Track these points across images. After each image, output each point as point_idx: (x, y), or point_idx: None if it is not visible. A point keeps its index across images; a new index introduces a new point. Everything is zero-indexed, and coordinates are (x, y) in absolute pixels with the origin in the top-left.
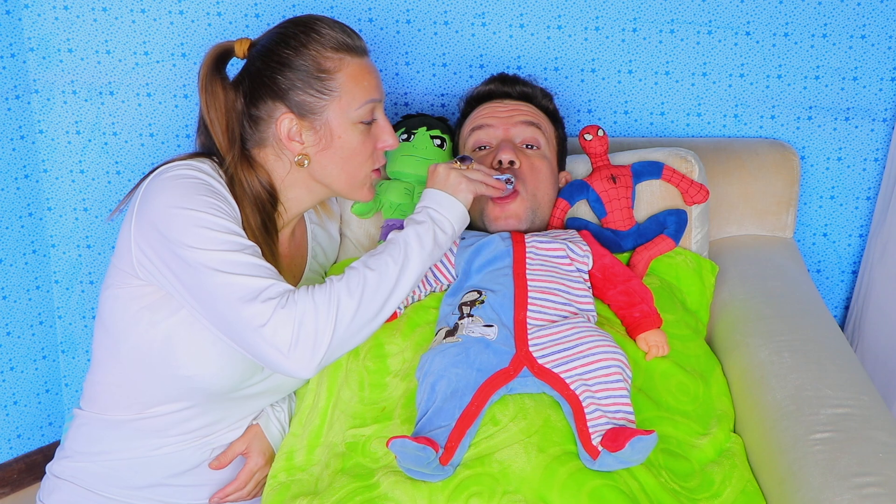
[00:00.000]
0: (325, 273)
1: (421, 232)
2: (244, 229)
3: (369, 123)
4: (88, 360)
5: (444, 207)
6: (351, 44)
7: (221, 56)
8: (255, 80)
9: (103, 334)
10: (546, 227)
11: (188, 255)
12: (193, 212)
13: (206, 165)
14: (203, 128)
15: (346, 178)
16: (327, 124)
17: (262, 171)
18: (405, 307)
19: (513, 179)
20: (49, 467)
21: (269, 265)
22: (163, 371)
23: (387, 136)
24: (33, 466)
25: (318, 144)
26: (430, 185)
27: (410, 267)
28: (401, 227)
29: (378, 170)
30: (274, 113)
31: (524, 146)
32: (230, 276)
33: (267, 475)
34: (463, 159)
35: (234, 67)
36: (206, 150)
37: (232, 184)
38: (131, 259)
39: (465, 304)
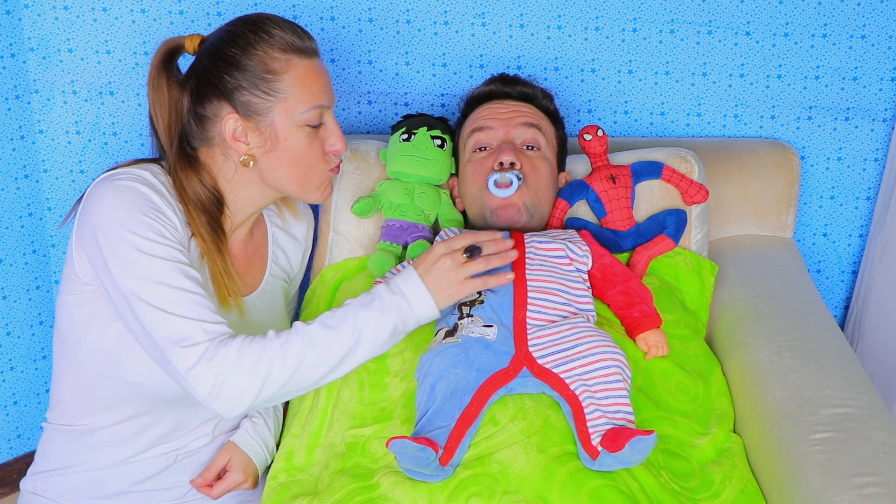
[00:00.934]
0: (289, 279)
1: (381, 324)
2: (193, 233)
3: (316, 127)
4: None
5: (420, 306)
6: (300, 45)
7: (171, 52)
8: (201, 79)
9: (60, 341)
10: (545, 228)
11: (122, 281)
12: (132, 235)
13: (147, 173)
14: (151, 126)
15: (295, 180)
16: (272, 126)
17: (205, 172)
18: None
19: (521, 175)
20: (22, 483)
21: (205, 300)
22: (115, 377)
23: (334, 139)
24: None
25: (264, 146)
26: (422, 271)
27: (356, 356)
28: (401, 227)
29: (336, 168)
30: (219, 112)
31: (524, 147)
32: (160, 312)
33: (244, 489)
34: (472, 252)
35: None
36: (159, 152)
37: (175, 187)
38: (74, 266)
39: (464, 304)
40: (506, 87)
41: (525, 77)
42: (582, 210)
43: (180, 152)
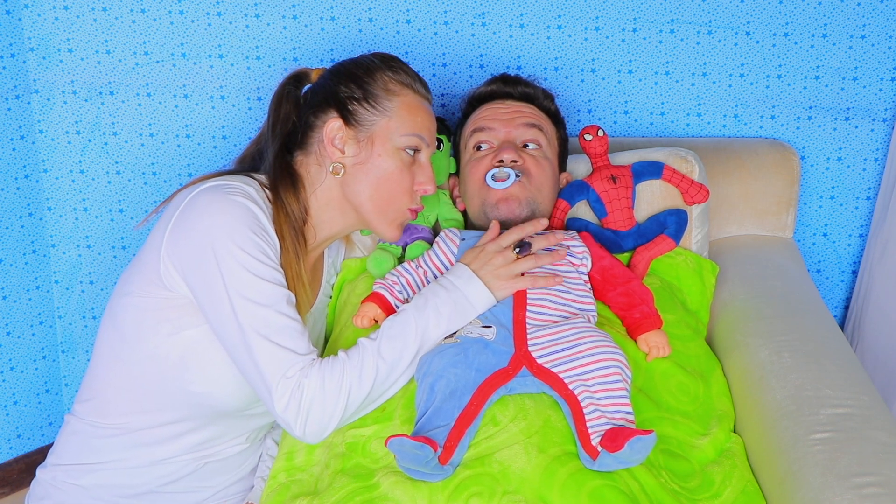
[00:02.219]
0: (332, 286)
1: (442, 321)
2: (280, 244)
3: (412, 156)
4: (88, 360)
5: (477, 298)
6: (418, 87)
7: (299, 76)
8: (318, 90)
9: (117, 339)
10: (546, 228)
11: (225, 301)
12: (244, 253)
13: (251, 189)
14: (258, 139)
15: (375, 202)
16: (370, 139)
17: (300, 185)
18: None
19: (519, 173)
20: (39, 472)
21: (297, 322)
22: (173, 384)
23: (426, 178)
24: (33, 466)
25: (357, 156)
26: (475, 268)
27: (421, 354)
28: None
29: (415, 213)
30: (326, 118)
31: (525, 147)
32: (264, 340)
33: None
34: (522, 247)
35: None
36: (249, 164)
37: (273, 203)
38: (159, 270)
39: None
40: (507, 88)
41: (526, 77)
42: (582, 210)
43: (280, 161)
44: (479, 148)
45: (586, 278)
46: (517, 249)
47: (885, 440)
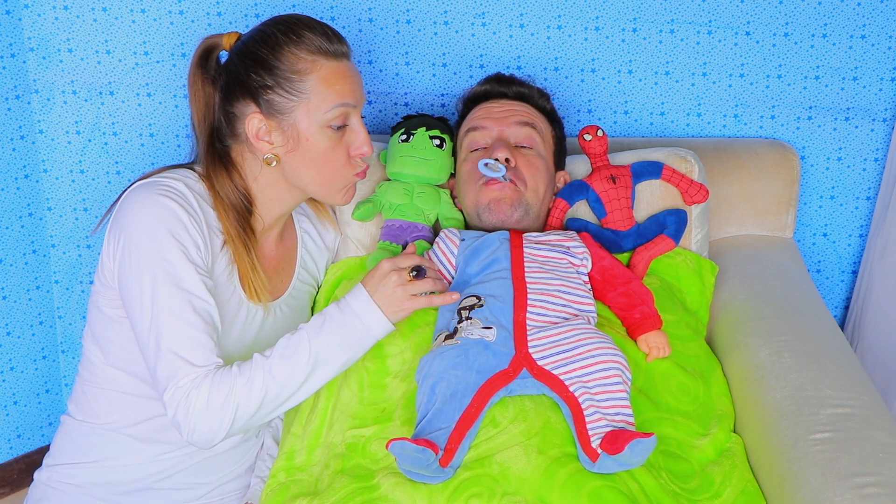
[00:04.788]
0: (316, 285)
1: (335, 346)
2: (225, 239)
3: (340, 128)
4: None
5: (373, 324)
6: (329, 48)
7: (209, 49)
8: (230, 77)
9: (90, 341)
10: (544, 227)
11: (142, 305)
12: (159, 258)
13: (182, 185)
14: (191, 123)
15: (319, 181)
16: (294, 126)
17: (236, 171)
18: None
19: (508, 177)
20: (37, 474)
21: (201, 332)
22: (144, 377)
23: (360, 142)
24: (33, 466)
25: (286, 145)
26: (370, 288)
27: (315, 379)
28: (400, 227)
29: (363, 173)
30: (245, 111)
31: (519, 145)
32: (162, 347)
33: None
34: (418, 272)
35: None
36: (195, 152)
37: (212, 193)
38: (105, 271)
39: (463, 307)
40: (501, 87)
41: (523, 77)
42: (582, 210)
43: (212, 150)
44: (474, 149)
45: (586, 279)
46: (413, 273)
47: (885, 440)
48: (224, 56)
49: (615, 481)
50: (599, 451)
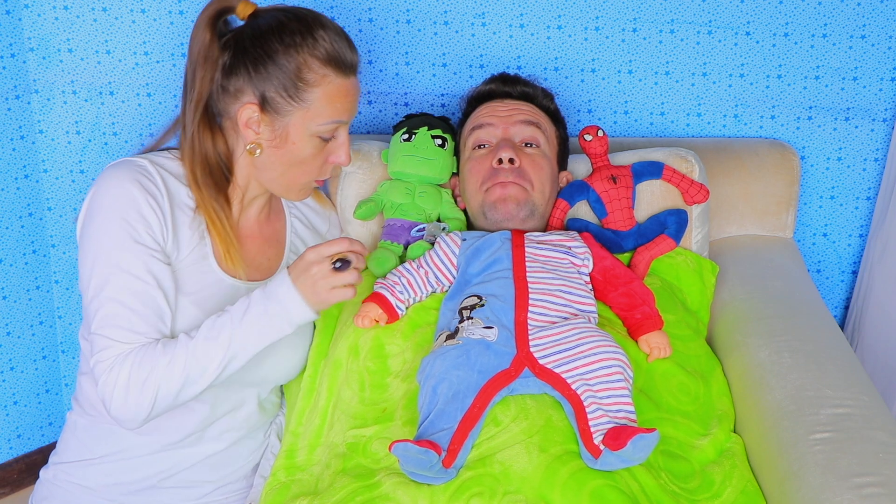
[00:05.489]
0: None
1: (257, 331)
2: (196, 205)
3: (327, 140)
4: None
5: (295, 311)
6: (342, 60)
7: (221, 11)
8: (238, 55)
9: (86, 331)
10: (546, 228)
11: (84, 280)
12: (103, 236)
13: (147, 162)
14: (183, 85)
15: (283, 181)
16: (286, 128)
17: (221, 138)
18: (406, 308)
19: (443, 231)
20: (43, 472)
21: (131, 312)
22: None
23: (341, 152)
24: (33, 466)
25: (272, 142)
26: (293, 277)
27: (236, 362)
28: (402, 227)
29: (323, 180)
30: (241, 96)
31: (524, 145)
32: (95, 319)
33: None
34: (342, 264)
35: None
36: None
37: (190, 154)
38: None
39: (464, 307)
40: (506, 87)
41: (526, 77)
42: (583, 210)
43: (205, 112)
44: (478, 147)
45: (587, 279)
46: (335, 264)
47: (885, 440)
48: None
49: (616, 480)
50: (602, 447)
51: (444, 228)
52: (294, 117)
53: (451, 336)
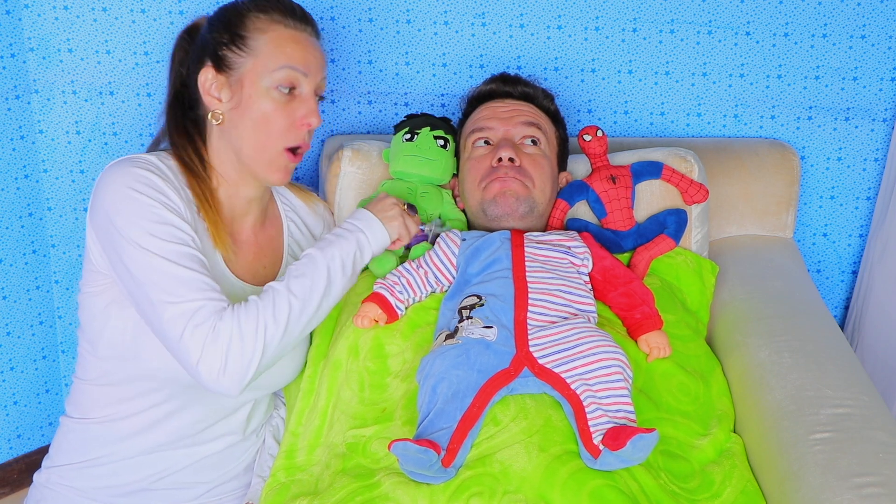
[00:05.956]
0: None
1: (346, 258)
2: (196, 204)
3: (288, 93)
4: None
5: (375, 237)
6: (289, 20)
7: (196, 27)
8: (198, 43)
9: (83, 338)
10: (546, 228)
11: (128, 265)
12: (138, 217)
13: (153, 157)
14: (166, 97)
15: (254, 146)
16: (240, 81)
17: (196, 138)
18: (406, 308)
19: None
20: (36, 476)
21: (202, 275)
22: (135, 365)
23: (307, 110)
24: (33, 466)
25: (231, 101)
26: (372, 209)
27: (333, 293)
28: None
29: (293, 152)
30: (200, 66)
31: (524, 145)
32: (162, 293)
33: None
34: (412, 208)
35: None
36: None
37: (178, 162)
38: (92, 256)
39: (464, 307)
40: (506, 87)
41: (526, 77)
42: (582, 210)
43: (173, 116)
44: (478, 147)
45: (587, 279)
46: (406, 206)
47: (885, 440)
48: None
49: (616, 480)
50: (601, 447)
51: (441, 225)
52: (246, 68)
53: (450, 336)
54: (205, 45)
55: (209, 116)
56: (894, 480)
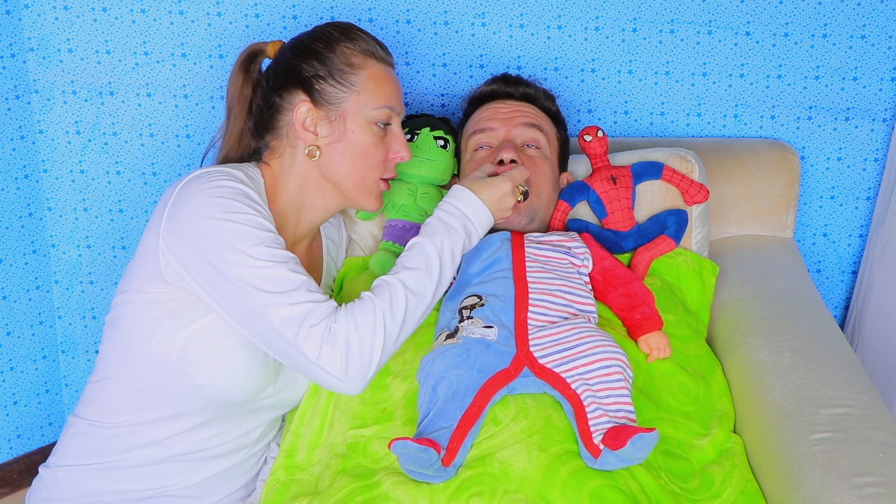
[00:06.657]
0: (334, 280)
1: (455, 247)
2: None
3: (384, 128)
4: (89, 360)
5: (480, 222)
6: (379, 54)
7: (252, 55)
8: (279, 69)
9: (118, 339)
10: (547, 229)
11: (230, 272)
12: (232, 223)
13: (240, 173)
14: (224, 128)
15: (354, 178)
16: (342, 116)
17: (268, 170)
18: None
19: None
20: (42, 471)
21: (308, 278)
22: (178, 379)
23: (400, 146)
24: (33, 466)
25: (331, 136)
26: (481, 195)
27: (443, 284)
28: (403, 228)
29: (387, 181)
30: (293, 100)
31: (525, 146)
32: (273, 296)
33: None
34: (526, 194)
35: None
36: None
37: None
38: (159, 265)
39: (464, 307)
40: (508, 88)
41: (527, 78)
42: (583, 211)
43: (248, 145)
44: (479, 148)
45: (587, 279)
46: (521, 198)
47: (885, 440)
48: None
49: (616, 480)
50: (601, 446)
51: None
52: (348, 103)
53: (451, 335)
54: (293, 75)
55: (304, 149)
56: (894, 480)
